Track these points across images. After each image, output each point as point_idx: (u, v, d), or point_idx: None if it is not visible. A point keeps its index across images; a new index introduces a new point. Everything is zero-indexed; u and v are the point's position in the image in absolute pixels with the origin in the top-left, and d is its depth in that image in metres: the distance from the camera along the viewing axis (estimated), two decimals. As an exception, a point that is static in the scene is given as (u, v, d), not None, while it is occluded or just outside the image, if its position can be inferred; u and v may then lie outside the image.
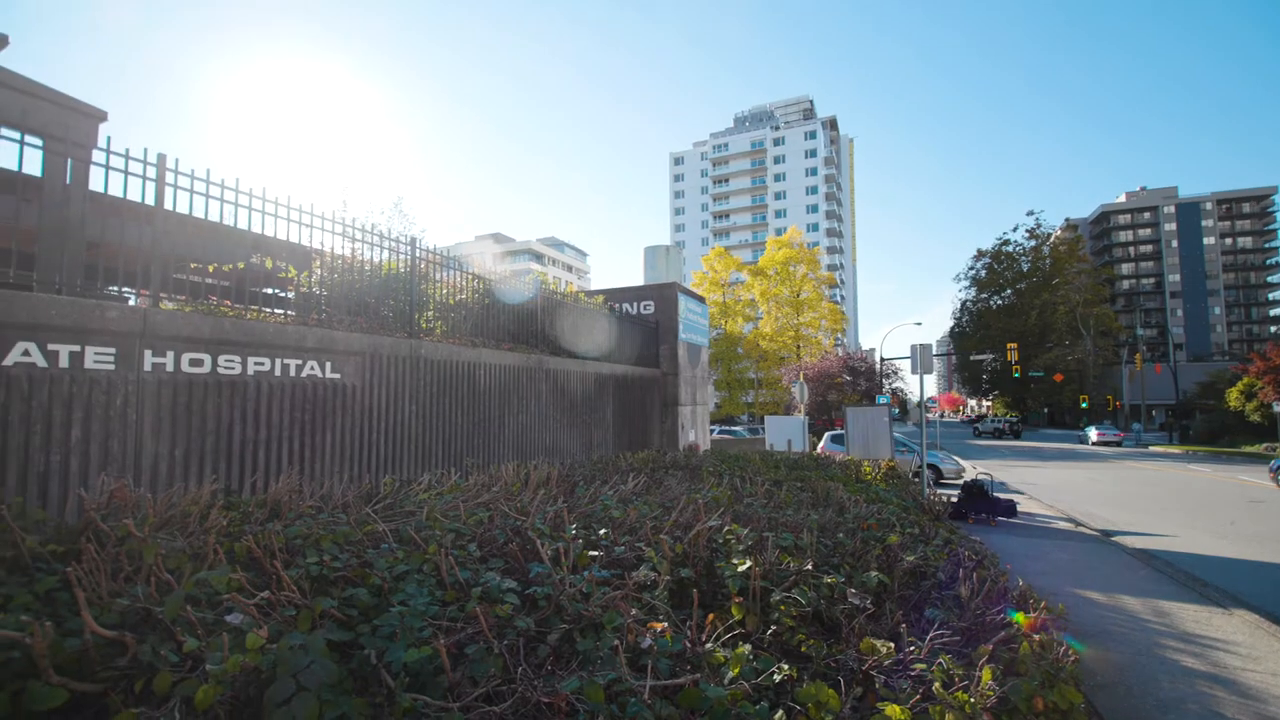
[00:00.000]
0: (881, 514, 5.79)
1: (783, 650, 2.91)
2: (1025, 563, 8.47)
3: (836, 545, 4.27)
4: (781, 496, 5.92)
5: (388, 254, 7.25)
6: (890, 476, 10.85)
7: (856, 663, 2.76)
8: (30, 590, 2.47)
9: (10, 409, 3.92)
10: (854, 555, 4.19)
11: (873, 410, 16.21)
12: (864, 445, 15.22)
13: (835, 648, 2.94)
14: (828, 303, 48.41)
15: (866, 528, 4.87)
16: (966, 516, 11.89)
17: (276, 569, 2.64)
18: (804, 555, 3.71)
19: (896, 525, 5.38)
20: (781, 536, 3.94)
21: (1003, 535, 10.64)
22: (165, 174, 5.08)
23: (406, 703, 1.96)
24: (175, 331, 4.79)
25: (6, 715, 1.86)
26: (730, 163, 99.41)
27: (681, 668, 2.41)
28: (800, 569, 3.31)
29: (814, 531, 4.20)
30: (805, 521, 4.67)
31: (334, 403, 6.03)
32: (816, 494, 6.58)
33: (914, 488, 11.10)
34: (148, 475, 4.56)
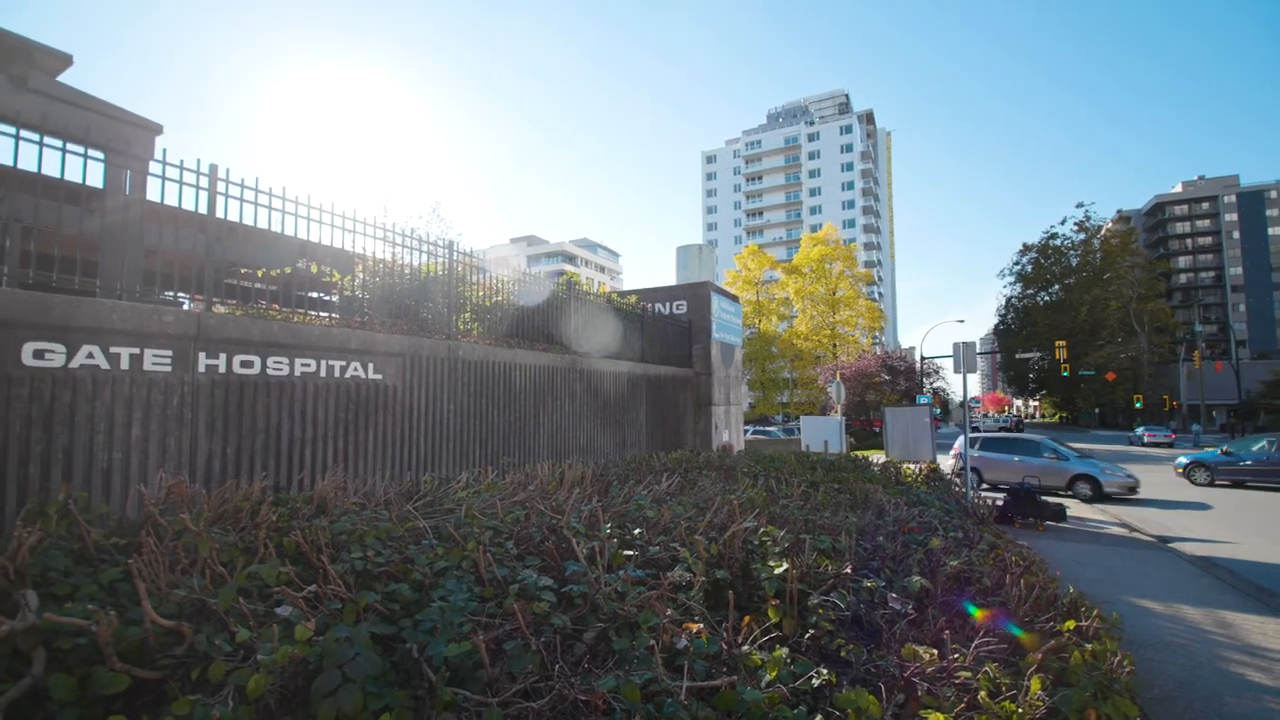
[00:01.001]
0: (923, 517, 5.65)
1: (821, 654, 2.87)
2: (1076, 569, 8.14)
3: (876, 549, 4.18)
4: (818, 498, 5.83)
5: (426, 257, 7.41)
6: (932, 479, 10.58)
7: (898, 669, 2.70)
8: (95, 581, 2.61)
9: (76, 409, 4.15)
10: (894, 559, 4.09)
11: (913, 410, 15.83)
12: (904, 446, 14.87)
13: (876, 653, 2.88)
14: (865, 300, 47.47)
15: (908, 531, 4.76)
16: (1013, 520, 11.50)
17: (323, 563, 2.73)
18: (842, 558, 3.64)
19: (939, 529, 5.24)
20: (819, 539, 3.88)
21: (1051, 540, 10.25)
22: (216, 183, 5.30)
23: (447, 696, 2.00)
24: (227, 334, 4.99)
25: (75, 698, 1.96)
26: (764, 160, 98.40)
27: (718, 669, 2.40)
28: (839, 572, 3.25)
29: (853, 534, 4.12)
30: (843, 524, 4.59)
31: (376, 402, 6.19)
32: (855, 496, 6.45)
33: (956, 490, 10.80)
34: (202, 472, 4.76)
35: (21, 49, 5.47)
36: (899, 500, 6.51)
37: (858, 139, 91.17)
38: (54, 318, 4.07)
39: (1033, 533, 10.85)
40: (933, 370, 41.81)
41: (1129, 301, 62.18)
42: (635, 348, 11.81)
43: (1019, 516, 11.57)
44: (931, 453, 14.63)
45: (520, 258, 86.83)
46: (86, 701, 1.98)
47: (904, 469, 10.61)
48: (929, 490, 9.14)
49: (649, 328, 12.44)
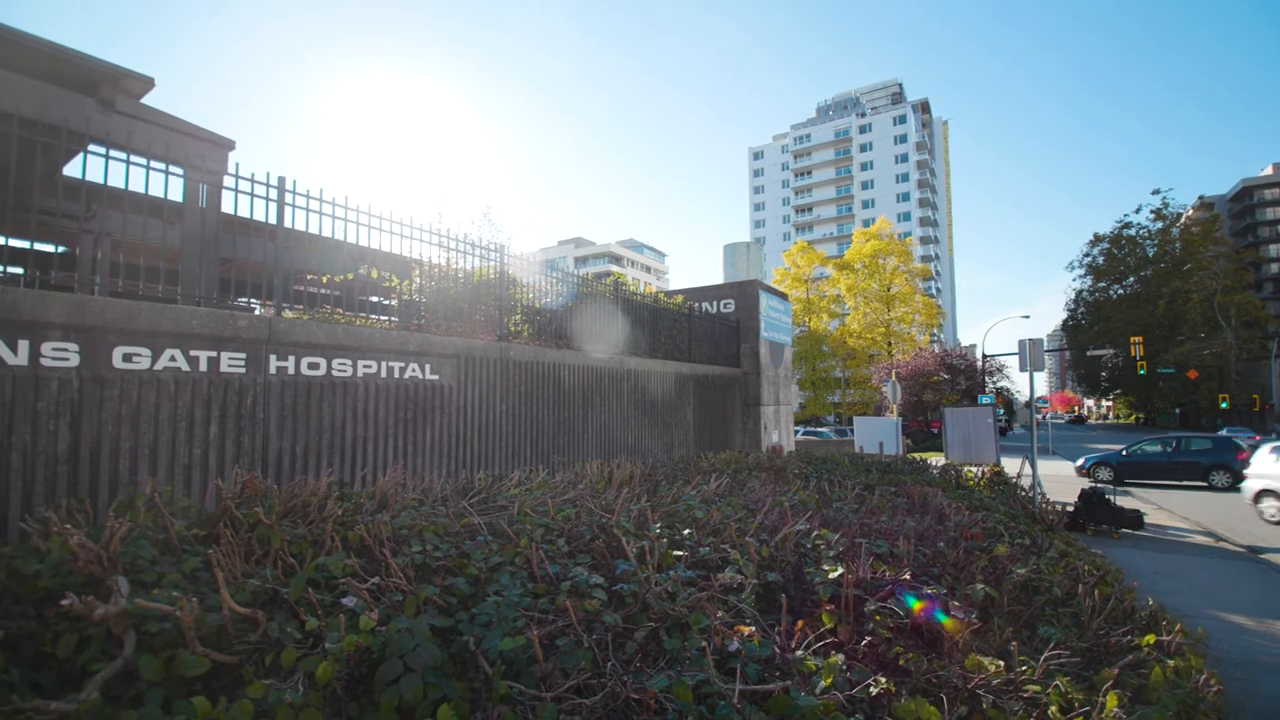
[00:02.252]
0: (986, 523, 5.42)
1: (878, 662, 2.79)
2: (1155, 580, 7.63)
3: (936, 554, 4.03)
4: (874, 502, 5.67)
5: (479, 261, 7.60)
6: (995, 482, 10.13)
7: (961, 680, 2.60)
8: (178, 569, 2.79)
9: (160, 408, 4.45)
10: (956, 566, 3.94)
11: (974, 411, 15.19)
12: (964, 448, 14.29)
13: (937, 663, 2.77)
14: (921, 296, 45.85)
15: (970, 537, 4.57)
16: (1084, 527, 10.88)
17: (385, 557, 2.83)
18: (900, 564, 3.53)
19: (1004, 535, 5.01)
20: (875, 543, 3.77)
21: (1127, 549, 9.65)
22: (285, 195, 5.59)
23: (503, 689, 2.04)
24: (296, 338, 5.25)
25: (162, 679, 2.10)
26: (813, 154, 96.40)
27: (770, 673, 2.36)
28: (897, 578, 3.15)
29: (911, 539, 3.99)
30: (901, 528, 4.45)
31: (433, 402, 6.40)
32: (912, 500, 6.24)
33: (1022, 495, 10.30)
34: (273, 468, 5.03)
35: (110, 74, 5.89)
36: (960, 505, 6.25)
37: (912, 129, 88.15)
38: (140, 323, 4.38)
39: (1107, 540, 10.24)
40: (995, 369, 39.99)
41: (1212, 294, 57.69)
42: (682, 347, 11.77)
43: (1091, 523, 10.94)
44: (995, 455, 14.00)
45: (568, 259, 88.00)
46: (171, 682, 2.12)
47: (965, 472, 10.20)
48: (992, 495, 8.76)
49: (696, 327, 12.38)
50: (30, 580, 2.56)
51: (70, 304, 4.08)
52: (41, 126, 4.36)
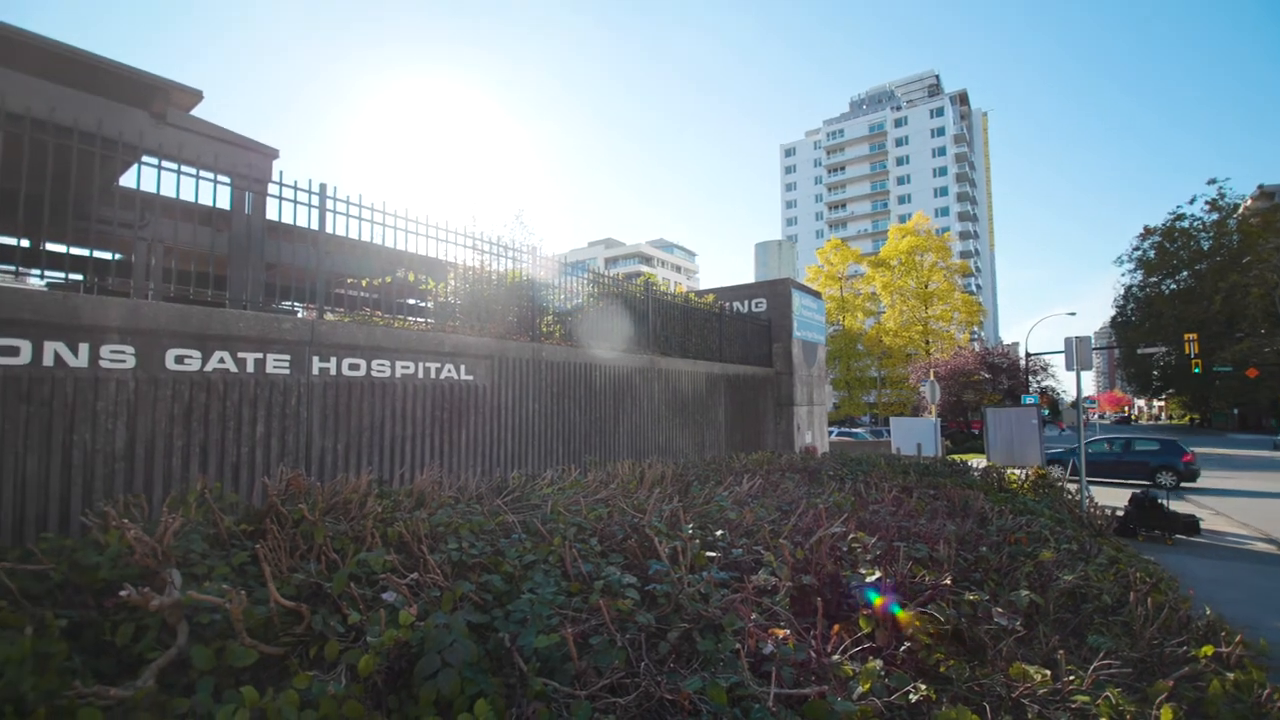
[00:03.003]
0: (1031, 527, 5.24)
1: (918, 669, 2.72)
2: (1213, 589, 7.27)
3: (978, 559, 3.92)
4: (912, 504, 5.54)
5: (511, 263, 7.70)
6: (1040, 485, 9.80)
7: (1005, 689, 2.52)
8: (227, 563, 2.89)
9: (210, 408, 4.63)
10: (999, 571, 3.82)
11: (1018, 411, 14.71)
12: (1007, 450, 13.86)
13: (980, 671, 2.69)
14: (961, 293, 44.64)
15: (1014, 541, 4.43)
16: (1135, 533, 10.43)
17: (423, 553, 2.89)
18: (941, 568, 3.44)
19: (1050, 540, 4.84)
20: (914, 547, 3.68)
21: (1182, 556, 9.22)
22: (326, 201, 5.75)
23: (538, 686, 2.06)
24: (337, 340, 5.41)
25: (212, 668, 2.19)
26: (846, 149, 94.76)
27: (806, 678, 2.33)
28: (937, 583, 3.08)
29: (952, 543, 3.88)
30: (941, 532, 4.34)
31: (468, 402, 6.51)
32: (953, 503, 6.08)
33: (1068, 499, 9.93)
34: (316, 466, 5.18)
35: (161, 88, 6.16)
36: (1003, 508, 6.07)
37: (950, 122, 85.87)
38: (191, 327, 4.56)
39: (1159, 546, 9.80)
40: (1040, 368, 38.65)
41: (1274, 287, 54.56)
42: (713, 347, 11.71)
43: (1143, 528, 10.49)
44: (1040, 457, 13.54)
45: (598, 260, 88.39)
46: (221, 672, 2.20)
47: (1008, 474, 9.89)
48: (1037, 498, 8.47)
49: (727, 327, 12.30)
50: (91, 572, 2.69)
51: (126, 309, 4.28)
52: (99, 140, 4.58)
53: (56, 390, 3.95)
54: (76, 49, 5.54)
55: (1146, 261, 64.27)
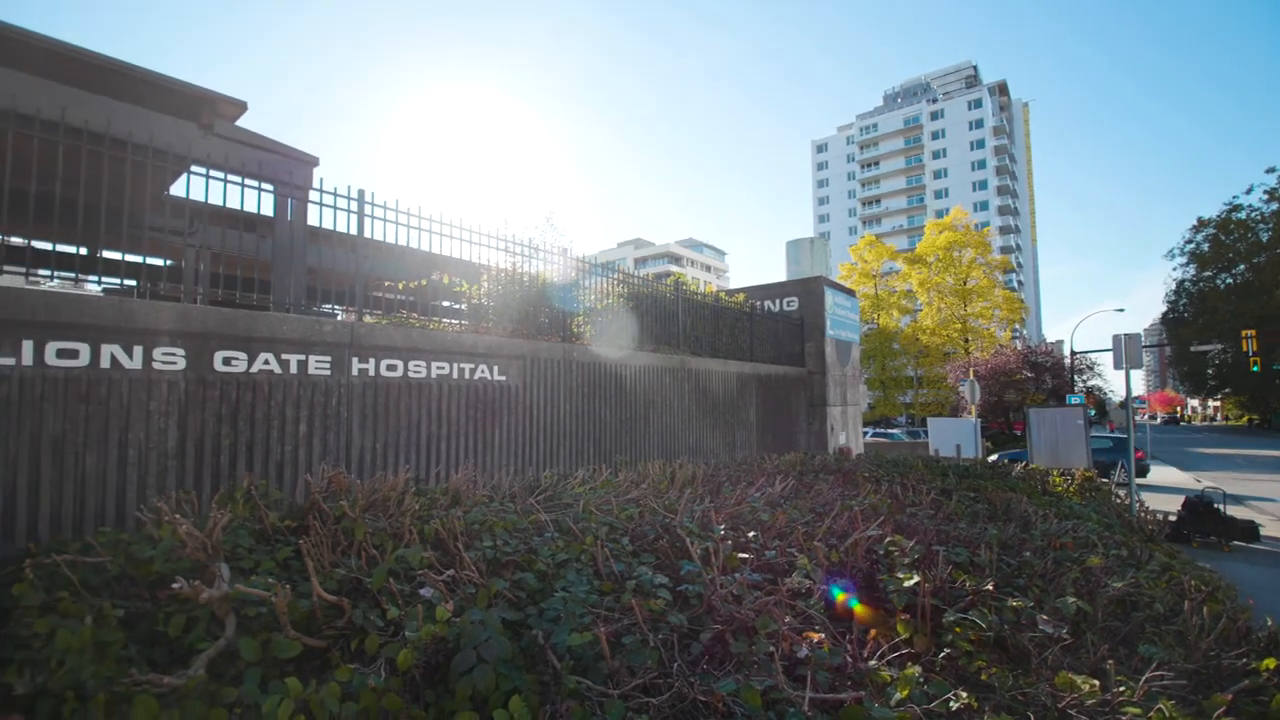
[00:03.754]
0: (1077, 532, 5.05)
1: (958, 676, 2.65)
2: (1275, 599, 6.90)
3: (1022, 564, 3.80)
4: (951, 507, 5.40)
5: (542, 264, 7.78)
6: (1086, 489, 9.44)
7: (1050, 698, 2.43)
8: (272, 557, 2.99)
9: (255, 408, 4.79)
10: (1044, 577, 3.70)
11: (1062, 412, 14.21)
12: (1052, 452, 13.40)
13: (1023, 679, 2.61)
14: (1001, 290, 43.29)
15: (1059, 546, 4.28)
16: (1189, 539, 9.97)
17: (459, 550, 2.94)
18: (982, 574, 3.35)
19: (1098, 545, 4.66)
20: (954, 551, 3.59)
21: (1240, 564, 8.77)
22: (365, 207, 5.90)
23: (571, 684, 2.07)
24: (375, 341, 5.54)
25: (259, 659, 2.26)
26: (880, 144, 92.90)
27: (842, 683, 2.29)
28: (978, 588, 2.99)
29: (994, 548, 3.77)
30: (982, 536, 4.22)
31: (501, 402, 6.60)
32: (994, 506, 5.91)
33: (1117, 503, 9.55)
34: (355, 464, 5.32)
35: (208, 100, 6.40)
36: (1047, 512, 5.87)
37: (989, 113, 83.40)
38: (238, 329, 4.73)
39: (1215, 553, 9.34)
40: (1085, 366, 37.26)
41: (1342, 280, 51.45)
42: (744, 347, 11.62)
43: (1198, 534, 10.02)
44: (1086, 459, 13.05)
45: (627, 260, 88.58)
46: (266, 663, 2.28)
47: (1052, 477, 9.56)
48: (1084, 502, 8.17)
49: (758, 326, 12.19)
50: (145, 565, 2.82)
51: (177, 312, 4.46)
52: (151, 151, 4.79)
53: (113, 391, 4.14)
54: (133, 65, 5.80)
55: (1200, 255, 61.18)
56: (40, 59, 5.35)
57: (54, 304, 3.96)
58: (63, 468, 3.91)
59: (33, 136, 4.18)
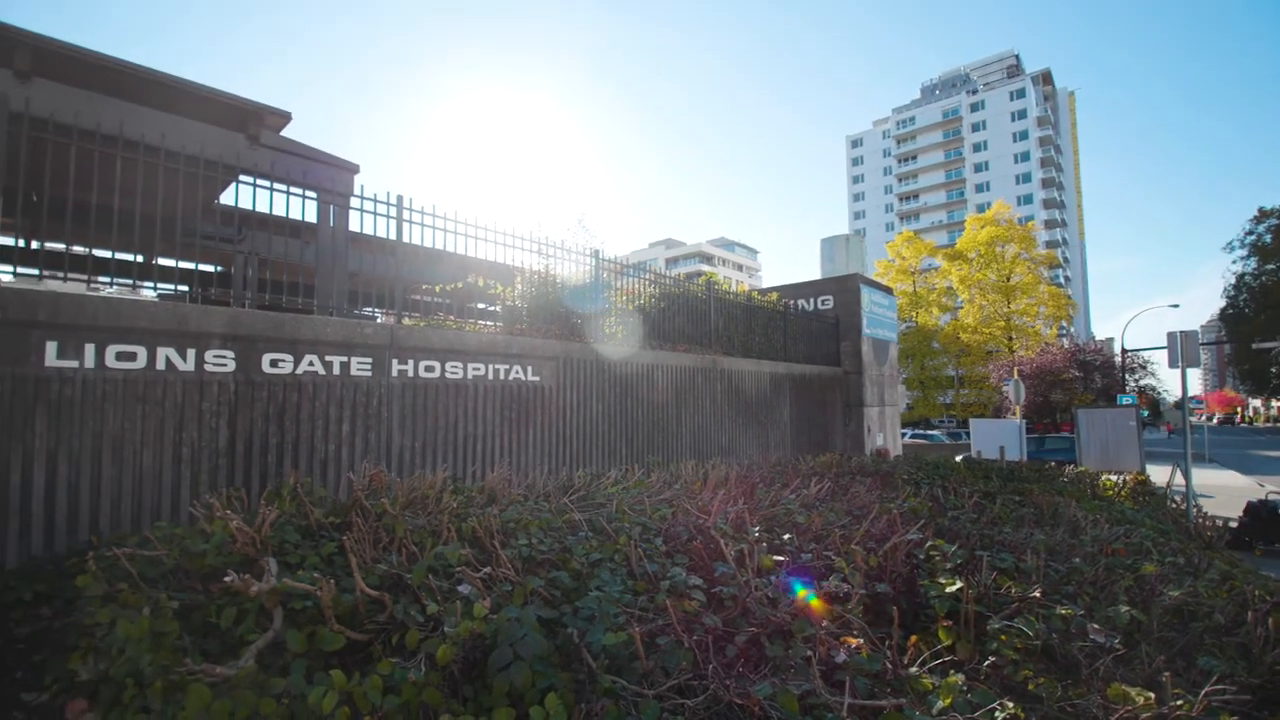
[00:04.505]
0: (1131, 537, 4.85)
1: (1003, 686, 2.57)
2: (1353, 612, 6.46)
3: (1071, 571, 3.66)
4: (995, 511, 5.24)
5: (574, 266, 7.84)
6: (1139, 493, 9.05)
7: (1102, 710, 2.33)
8: (317, 553, 3.08)
9: (301, 408, 4.95)
10: (1094, 584, 3.56)
11: (1113, 413, 13.65)
12: (1102, 454, 12.88)
13: (1073, 690, 2.51)
14: (1047, 285, 41.78)
15: (1111, 553, 4.11)
16: (1251, 546, 9.45)
17: (495, 548, 2.98)
18: (1029, 580, 3.24)
19: (1152, 552, 4.46)
20: (999, 556, 3.48)
21: (1313, 574, 8.26)
22: (403, 212, 6.04)
23: (606, 683, 2.08)
24: (414, 343, 5.67)
25: (305, 651, 2.34)
26: (918, 137, 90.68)
27: (881, 689, 2.24)
28: (1025, 595, 2.89)
29: (1041, 553, 3.64)
30: (1029, 541, 4.08)
31: (534, 402, 6.67)
32: (1041, 510, 5.71)
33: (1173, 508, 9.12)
34: (395, 462, 5.45)
35: (255, 112, 6.64)
36: (1098, 517, 5.64)
37: (1032, 103, 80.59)
38: (284, 332, 4.90)
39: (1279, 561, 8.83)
40: (1138, 365, 35.69)
41: None
42: (777, 346, 11.49)
43: (1261, 542, 9.50)
44: (1139, 462, 12.50)
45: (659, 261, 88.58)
46: (311, 655, 2.35)
47: (1102, 480, 9.19)
48: (1136, 507, 7.83)
49: (792, 325, 12.04)
50: (198, 558, 2.94)
51: (227, 316, 4.65)
52: (202, 162, 4.99)
53: (168, 391, 4.33)
54: (187, 80, 6.05)
55: (1262, 247, 57.79)
56: (100, 76, 5.63)
57: (114, 309, 4.17)
58: (122, 465, 4.11)
59: (93, 150, 4.41)
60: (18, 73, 5.24)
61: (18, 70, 5.23)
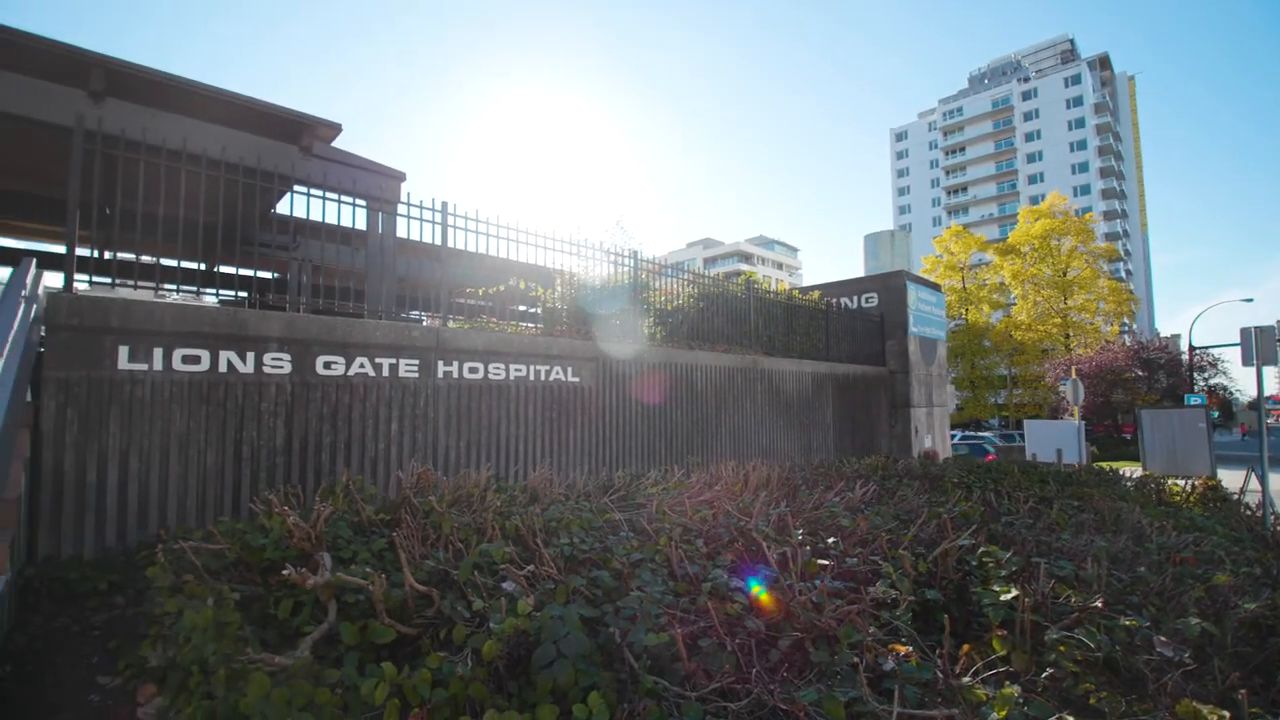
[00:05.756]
0: (1200, 546, 4.57)
1: (1062, 699, 2.45)
2: None
3: (1135, 580, 3.48)
4: (1052, 517, 5.02)
5: (613, 268, 7.88)
6: (1210, 499, 8.52)
7: (1172, 729, 2.21)
8: (368, 548, 3.18)
9: (352, 408, 5.13)
10: (1161, 595, 3.37)
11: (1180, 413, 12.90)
12: (1168, 457, 12.19)
13: (1138, 705, 2.38)
14: (1107, 280, 39.77)
15: (1179, 562, 3.88)
16: (1342, 557, 8.77)
17: (538, 546, 3.02)
18: (1089, 589, 3.09)
19: (1225, 562, 4.20)
20: (1056, 564, 3.34)
21: None
22: (447, 218, 6.19)
23: (649, 684, 2.08)
24: (458, 345, 5.81)
25: (357, 643, 2.42)
26: (966, 129, 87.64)
27: (931, 699, 2.18)
28: (1085, 605, 2.76)
29: (1102, 561, 3.47)
30: (1089, 548, 3.90)
31: (574, 403, 6.74)
32: (1102, 516, 5.44)
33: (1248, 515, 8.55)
34: (441, 461, 5.59)
35: (308, 125, 6.90)
36: (1164, 524, 5.34)
37: (1089, 90, 76.87)
38: (336, 336, 5.08)
39: (1379, 576, 8.17)
40: (1207, 363, 33.63)
41: None
42: (819, 345, 11.29)
43: (1354, 553, 8.79)
44: (1209, 466, 11.78)
45: (697, 260, 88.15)
46: (363, 647, 2.43)
47: (1168, 485, 8.69)
48: (1207, 513, 7.38)
49: (834, 324, 11.81)
50: (258, 552, 3.07)
51: (283, 321, 4.85)
52: (259, 174, 5.22)
53: (229, 393, 4.55)
54: (245, 95, 6.35)
55: (1352, 235, 53.55)
56: (165, 94, 5.96)
57: (180, 315, 4.40)
58: (187, 462, 4.34)
59: (160, 164, 4.66)
60: (92, 93, 5.59)
61: (92, 91, 5.58)
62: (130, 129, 4.71)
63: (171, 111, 6.06)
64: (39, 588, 3.39)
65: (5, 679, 2.69)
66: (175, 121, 5.90)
